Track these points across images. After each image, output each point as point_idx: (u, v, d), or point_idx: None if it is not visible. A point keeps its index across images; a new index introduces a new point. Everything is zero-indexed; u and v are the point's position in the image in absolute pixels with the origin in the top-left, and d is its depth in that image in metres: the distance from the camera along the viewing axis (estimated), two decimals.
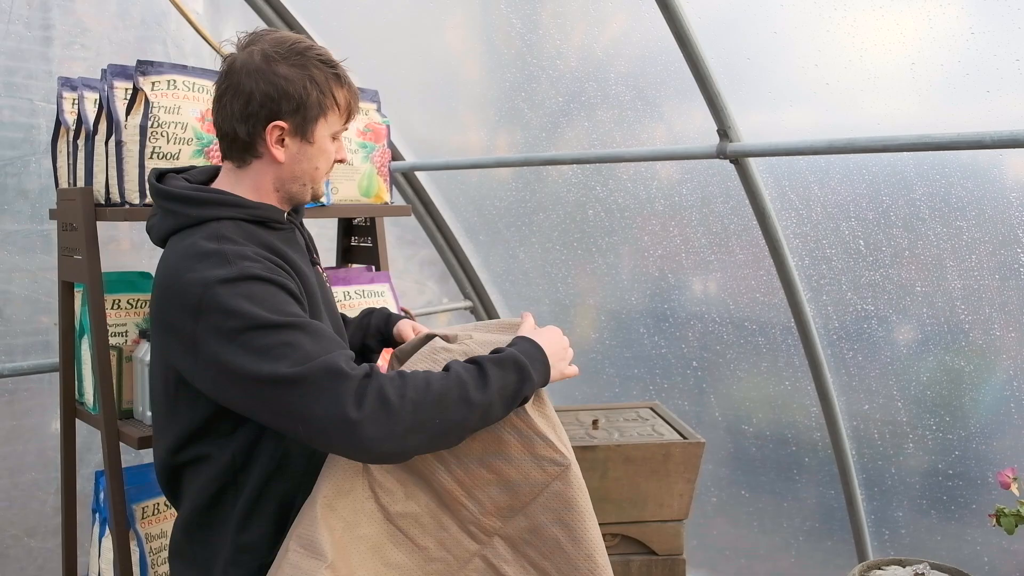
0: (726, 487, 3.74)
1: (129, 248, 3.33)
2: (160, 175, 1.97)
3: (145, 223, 2.01)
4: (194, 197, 1.86)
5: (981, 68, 2.42)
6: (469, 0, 3.54)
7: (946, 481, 3.13)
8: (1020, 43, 2.33)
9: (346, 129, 1.99)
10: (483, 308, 4.31)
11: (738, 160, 2.90)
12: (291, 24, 3.61)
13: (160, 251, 1.94)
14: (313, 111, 1.87)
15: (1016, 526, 2.25)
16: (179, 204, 1.87)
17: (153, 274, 2.67)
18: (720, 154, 2.86)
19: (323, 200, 2.58)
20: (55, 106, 2.70)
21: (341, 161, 2.01)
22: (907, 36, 2.47)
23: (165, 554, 2.53)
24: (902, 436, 3.20)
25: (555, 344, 1.89)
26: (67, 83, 2.66)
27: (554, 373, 1.85)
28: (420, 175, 4.05)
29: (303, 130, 1.88)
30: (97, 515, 2.62)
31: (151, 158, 2.31)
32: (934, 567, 2.37)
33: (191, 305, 1.71)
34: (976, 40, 2.37)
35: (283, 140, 1.87)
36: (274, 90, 1.82)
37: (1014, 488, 2.31)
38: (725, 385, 3.65)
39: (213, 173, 1.99)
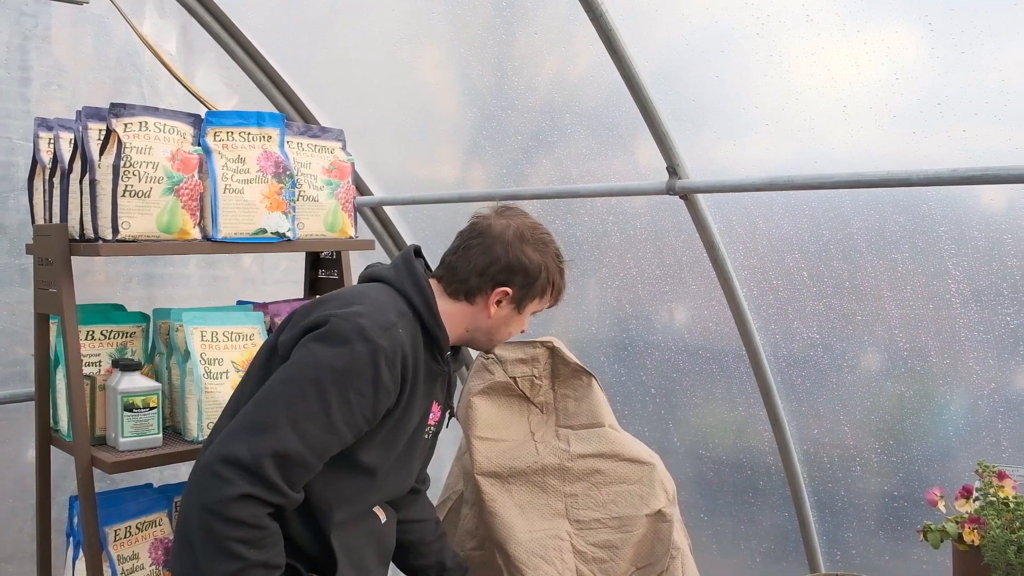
0: (686, 510, 3.78)
1: (104, 280, 3.41)
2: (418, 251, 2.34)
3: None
4: (418, 279, 2.22)
5: (907, 111, 2.56)
6: (438, 45, 3.65)
7: (892, 503, 3.23)
8: (941, 88, 2.48)
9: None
10: None
11: (687, 196, 3.00)
12: (263, 67, 3.72)
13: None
14: (535, 291, 2.24)
15: (941, 541, 2.37)
16: (407, 273, 2.23)
17: (125, 307, 2.79)
18: (669, 190, 2.97)
19: (289, 235, 2.70)
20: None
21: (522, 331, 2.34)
22: (838, 80, 2.60)
23: None
24: (850, 459, 3.29)
25: None
26: (43, 123, 2.75)
27: None
28: (389, 210, 4.15)
29: (520, 302, 2.25)
30: (71, 539, 2.70)
31: (124, 196, 2.41)
32: None
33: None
34: (900, 85, 2.51)
35: (500, 302, 2.23)
36: (517, 264, 2.20)
37: (941, 506, 2.43)
38: (683, 411, 3.74)
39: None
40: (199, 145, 2.59)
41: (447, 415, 2.44)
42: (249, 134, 2.64)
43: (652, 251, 3.51)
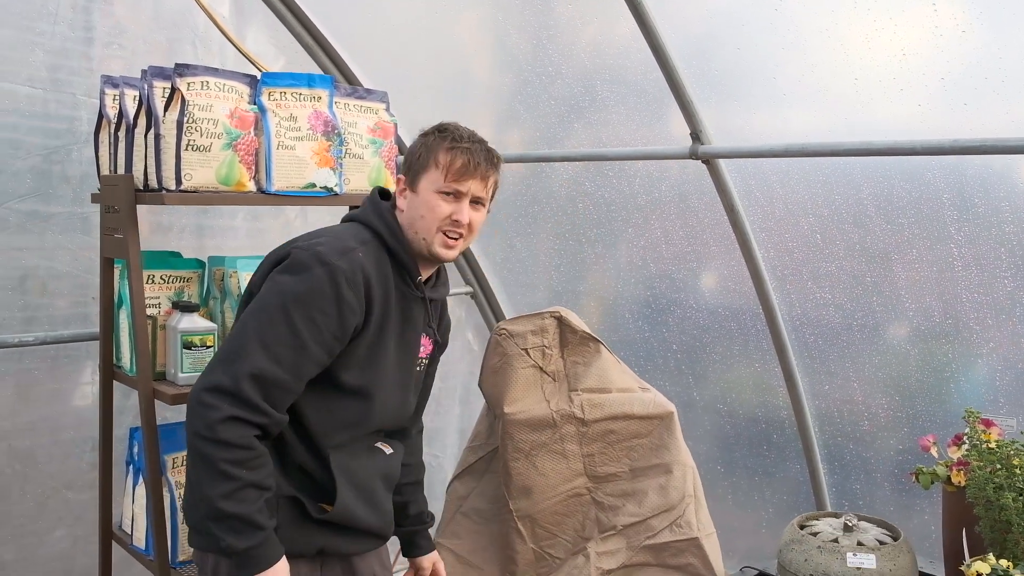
0: (704, 463, 3.93)
1: (160, 231, 3.56)
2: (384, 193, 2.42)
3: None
4: (380, 209, 2.33)
5: (913, 84, 2.70)
6: (476, 10, 3.78)
7: (897, 456, 3.37)
8: (945, 63, 2.63)
9: (459, 191, 2.27)
10: (483, 294, 4.54)
11: (709, 160, 3.15)
12: (310, 29, 3.84)
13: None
14: (418, 164, 2.28)
15: (932, 483, 2.56)
16: (371, 206, 2.35)
17: (181, 254, 2.97)
18: (692, 155, 3.12)
19: (336, 190, 2.89)
20: (96, 100, 2.95)
21: (457, 222, 2.29)
22: (850, 54, 2.75)
23: None
24: (858, 415, 3.43)
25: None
26: (109, 80, 2.91)
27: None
28: None
29: (412, 183, 2.29)
30: (131, 467, 2.92)
31: (186, 150, 2.58)
32: (861, 518, 2.67)
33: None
34: (907, 60, 2.66)
35: (404, 192, 2.32)
36: (404, 155, 2.35)
37: (933, 451, 2.62)
38: (702, 367, 3.88)
39: None
40: (255, 104, 2.75)
41: (437, 348, 2.54)
42: (301, 94, 2.82)
43: (676, 213, 3.63)
